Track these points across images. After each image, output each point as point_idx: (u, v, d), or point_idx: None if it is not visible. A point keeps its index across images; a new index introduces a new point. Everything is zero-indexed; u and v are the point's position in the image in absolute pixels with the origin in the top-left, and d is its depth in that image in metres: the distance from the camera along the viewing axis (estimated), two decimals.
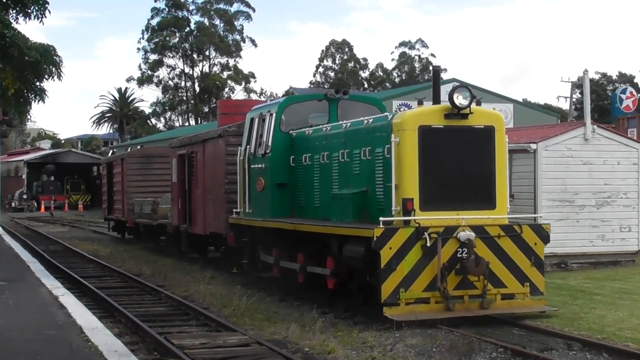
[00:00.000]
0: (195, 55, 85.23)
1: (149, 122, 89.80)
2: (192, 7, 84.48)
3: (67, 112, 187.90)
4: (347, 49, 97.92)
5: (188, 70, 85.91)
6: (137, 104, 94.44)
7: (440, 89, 13.64)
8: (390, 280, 12.40)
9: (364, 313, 13.32)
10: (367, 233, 12.57)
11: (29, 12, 18.04)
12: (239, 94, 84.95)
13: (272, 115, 16.56)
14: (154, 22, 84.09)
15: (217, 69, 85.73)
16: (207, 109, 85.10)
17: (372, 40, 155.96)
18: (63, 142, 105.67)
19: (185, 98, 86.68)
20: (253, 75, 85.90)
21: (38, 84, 19.02)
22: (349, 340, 11.64)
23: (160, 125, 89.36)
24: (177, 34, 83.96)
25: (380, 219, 12.52)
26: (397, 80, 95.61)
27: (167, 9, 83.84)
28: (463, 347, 10.96)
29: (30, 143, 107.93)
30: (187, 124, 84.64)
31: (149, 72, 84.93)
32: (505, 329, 12.43)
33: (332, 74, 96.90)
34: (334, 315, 13.63)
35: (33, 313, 12.94)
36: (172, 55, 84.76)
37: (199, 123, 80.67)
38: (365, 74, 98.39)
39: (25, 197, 63.19)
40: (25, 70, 18.36)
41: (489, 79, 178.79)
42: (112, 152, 47.90)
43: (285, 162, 16.45)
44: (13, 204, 62.76)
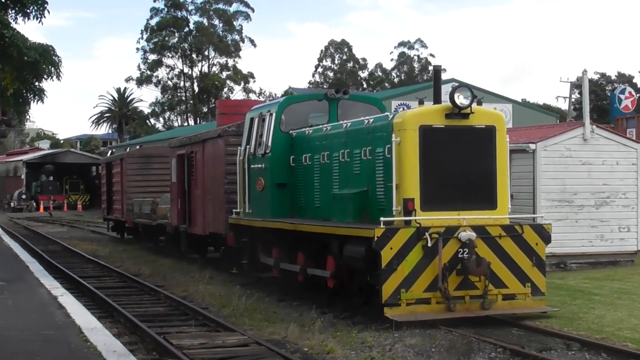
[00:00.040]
0: (194, 56, 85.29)
1: (148, 122, 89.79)
2: (191, 7, 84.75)
3: (66, 112, 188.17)
4: (346, 49, 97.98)
5: (187, 70, 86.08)
6: (136, 104, 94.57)
7: (441, 89, 13.63)
8: (391, 281, 12.38)
9: (363, 313, 13.29)
10: (367, 233, 12.55)
11: (28, 12, 18.06)
12: (238, 94, 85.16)
13: (272, 115, 16.52)
14: (153, 22, 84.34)
15: (216, 69, 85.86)
16: (206, 109, 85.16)
17: (371, 40, 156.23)
18: (62, 142, 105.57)
19: (184, 98, 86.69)
20: (252, 75, 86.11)
21: (37, 84, 19.04)
22: (348, 340, 11.63)
23: (159, 126, 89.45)
24: (176, 34, 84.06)
25: (381, 219, 12.50)
26: (396, 81, 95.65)
27: (166, 9, 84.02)
28: (462, 347, 10.95)
29: (29, 143, 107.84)
30: (186, 124, 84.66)
31: (148, 72, 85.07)
32: (505, 329, 12.41)
33: (331, 74, 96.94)
34: (333, 315, 13.61)
35: (32, 313, 12.91)
36: (171, 56, 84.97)
37: (198, 123, 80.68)
38: (364, 74, 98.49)
39: (24, 197, 63.09)
40: (24, 70, 18.37)
41: (488, 79, 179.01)
42: (111, 152, 47.82)
43: (285, 162, 16.41)
44: (12, 204, 62.70)
